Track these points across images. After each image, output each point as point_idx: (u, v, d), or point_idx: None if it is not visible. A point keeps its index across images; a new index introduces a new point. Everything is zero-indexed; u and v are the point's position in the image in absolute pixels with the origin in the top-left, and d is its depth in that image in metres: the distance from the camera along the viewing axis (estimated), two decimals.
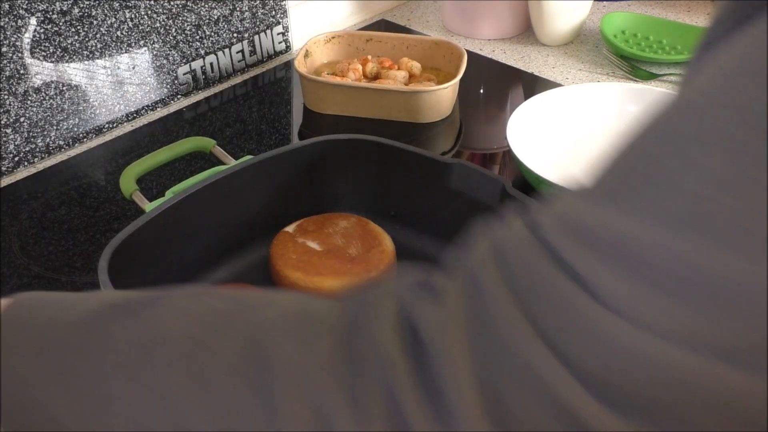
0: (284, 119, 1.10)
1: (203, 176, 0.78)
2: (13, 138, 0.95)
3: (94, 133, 1.02)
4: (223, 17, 1.10)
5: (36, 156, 0.98)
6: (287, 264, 0.76)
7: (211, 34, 1.09)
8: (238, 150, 0.99)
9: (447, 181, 0.78)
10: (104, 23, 0.98)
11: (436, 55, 1.10)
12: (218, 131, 1.04)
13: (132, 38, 1.02)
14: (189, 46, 1.08)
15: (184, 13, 1.05)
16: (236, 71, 1.15)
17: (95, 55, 0.99)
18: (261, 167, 0.80)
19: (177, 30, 1.05)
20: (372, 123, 1.03)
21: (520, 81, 1.15)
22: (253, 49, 1.15)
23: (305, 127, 1.06)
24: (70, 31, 0.96)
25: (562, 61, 1.17)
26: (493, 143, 1.05)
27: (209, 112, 1.08)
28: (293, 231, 0.79)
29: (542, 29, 1.21)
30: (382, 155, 0.83)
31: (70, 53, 0.97)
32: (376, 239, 0.78)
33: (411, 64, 1.08)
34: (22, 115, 0.95)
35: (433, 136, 1.03)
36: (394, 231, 0.80)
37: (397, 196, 0.84)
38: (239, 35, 1.13)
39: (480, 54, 1.20)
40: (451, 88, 1.03)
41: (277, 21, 1.17)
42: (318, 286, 0.75)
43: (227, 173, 0.78)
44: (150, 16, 1.02)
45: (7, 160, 0.95)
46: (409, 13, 1.32)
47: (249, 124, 1.06)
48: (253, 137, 1.04)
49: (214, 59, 1.11)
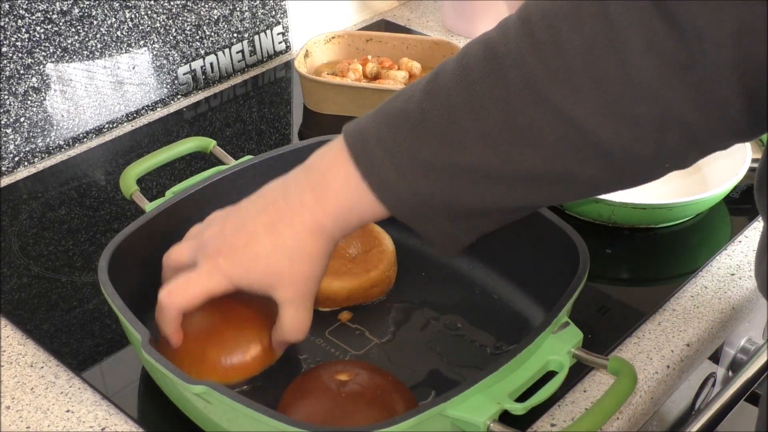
0: (284, 119, 1.10)
1: (203, 176, 0.78)
2: (13, 138, 0.95)
3: (94, 133, 1.02)
4: (223, 17, 1.10)
5: (36, 156, 0.98)
6: None
7: (211, 34, 1.09)
8: (238, 150, 0.99)
9: None
10: (104, 23, 0.98)
11: (436, 55, 1.10)
12: (218, 131, 1.04)
13: (132, 38, 1.02)
14: (189, 46, 1.08)
15: (184, 13, 1.05)
16: (236, 71, 1.15)
17: (95, 55, 0.99)
18: (261, 167, 0.80)
19: (177, 30, 1.05)
20: None
21: None
22: (253, 49, 1.15)
23: (305, 127, 1.06)
24: (70, 31, 0.96)
25: None
26: None
27: (209, 112, 1.08)
28: None
29: None
30: None
31: (70, 53, 0.97)
32: (376, 239, 0.78)
33: (411, 64, 1.08)
34: (22, 115, 0.95)
35: None
36: (394, 231, 0.80)
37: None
38: (239, 35, 1.13)
39: None
40: None
41: (277, 21, 1.17)
42: None
43: (227, 173, 0.78)
44: (150, 16, 1.02)
45: (7, 160, 0.95)
46: (409, 13, 1.32)
47: (249, 124, 1.06)
48: (253, 137, 1.04)
49: (214, 59, 1.11)
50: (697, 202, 0.82)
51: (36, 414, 0.68)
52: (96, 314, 0.77)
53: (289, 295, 0.60)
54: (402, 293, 0.77)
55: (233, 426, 0.59)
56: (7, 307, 0.78)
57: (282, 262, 0.59)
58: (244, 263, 0.59)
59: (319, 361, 0.71)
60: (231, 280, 0.60)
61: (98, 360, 0.73)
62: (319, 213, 0.57)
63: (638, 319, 0.76)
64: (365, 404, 0.62)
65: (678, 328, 0.75)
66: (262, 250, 0.59)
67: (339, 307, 0.76)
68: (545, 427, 0.66)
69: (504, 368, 0.58)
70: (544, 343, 0.62)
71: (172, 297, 0.61)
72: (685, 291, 0.79)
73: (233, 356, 0.65)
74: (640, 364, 0.71)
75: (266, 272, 0.59)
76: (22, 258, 0.83)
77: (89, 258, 0.84)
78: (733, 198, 0.89)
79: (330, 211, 0.57)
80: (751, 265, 0.82)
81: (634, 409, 0.69)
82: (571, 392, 0.69)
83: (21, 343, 0.75)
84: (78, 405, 0.69)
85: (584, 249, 0.68)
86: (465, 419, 0.56)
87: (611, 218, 0.84)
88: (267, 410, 0.56)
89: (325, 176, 0.57)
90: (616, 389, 0.58)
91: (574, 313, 0.65)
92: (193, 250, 0.62)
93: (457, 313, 0.75)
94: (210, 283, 0.60)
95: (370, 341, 0.73)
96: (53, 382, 0.71)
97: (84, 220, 0.89)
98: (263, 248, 0.58)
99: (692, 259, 0.83)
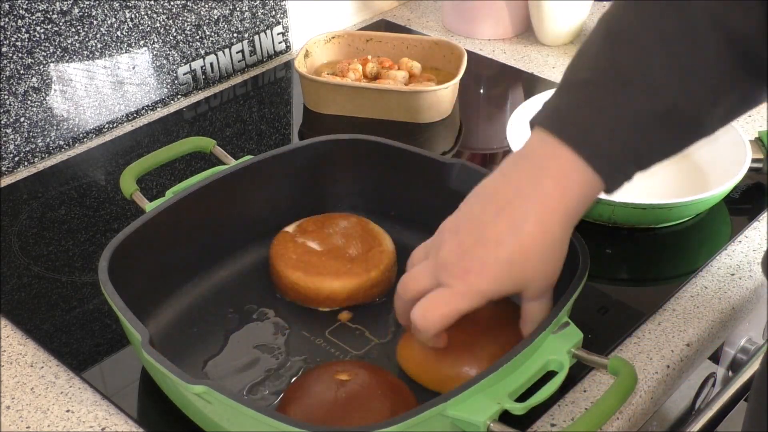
0: (284, 119, 1.10)
1: (203, 176, 0.78)
2: (13, 138, 0.95)
3: (94, 133, 1.02)
4: (223, 17, 1.10)
5: (36, 156, 0.98)
6: (287, 264, 0.76)
7: (211, 34, 1.09)
8: (238, 150, 0.99)
9: (447, 181, 0.78)
10: (104, 23, 0.98)
11: (436, 55, 1.10)
12: (218, 131, 1.04)
13: (132, 38, 1.02)
14: (189, 46, 1.08)
15: (184, 13, 1.05)
16: (236, 71, 1.15)
17: (95, 55, 0.99)
18: (261, 167, 0.80)
19: (177, 30, 1.05)
20: (372, 123, 1.03)
21: (520, 81, 1.15)
22: (253, 49, 1.15)
23: (305, 127, 1.06)
24: (70, 31, 0.96)
25: (562, 61, 1.17)
26: (493, 143, 1.05)
27: (209, 112, 1.08)
28: (293, 231, 0.79)
29: (542, 29, 1.21)
30: (382, 155, 0.83)
31: (70, 53, 0.97)
32: (376, 239, 0.78)
33: (411, 64, 1.08)
34: (22, 115, 0.95)
35: (433, 136, 1.03)
36: (394, 231, 0.80)
37: (397, 196, 0.84)
38: (239, 35, 1.13)
39: (480, 54, 1.20)
40: (451, 88, 1.03)
41: (277, 21, 1.17)
42: (318, 286, 0.75)
43: (227, 173, 0.78)
44: (150, 16, 1.02)
45: (7, 160, 0.95)
46: (409, 13, 1.32)
47: (249, 124, 1.06)
48: (253, 137, 1.04)
49: (214, 59, 1.11)
50: (697, 202, 0.82)
51: (36, 414, 0.68)
52: (96, 314, 0.77)
53: (542, 289, 0.60)
54: None
55: (233, 426, 0.59)
56: (7, 307, 0.78)
57: (533, 262, 0.58)
58: (496, 274, 0.58)
59: (319, 361, 0.71)
60: (485, 296, 0.59)
61: (98, 360, 0.73)
62: (562, 201, 0.57)
63: (638, 319, 0.76)
64: (365, 404, 0.62)
65: (678, 328, 0.75)
66: (512, 256, 0.57)
67: (339, 307, 0.75)
68: (545, 427, 0.66)
69: (504, 368, 0.58)
70: (544, 343, 0.62)
71: (428, 318, 0.60)
72: (685, 291, 0.79)
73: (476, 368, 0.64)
74: (640, 364, 0.71)
75: (519, 276, 0.58)
76: (22, 258, 0.83)
77: (89, 258, 0.84)
78: (733, 198, 0.89)
79: (571, 197, 0.57)
80: (751, 265, 0.82)
81: (634, 409, 0.69)
82: (571, 392, 0.69)
83: (21, 343, 0.75)
84: (78, 405, 0.69)
85: (584, 249, 0.68)
86: (465, 419, 0.56)
87: (611, 218, 0.84)
88: (267, 410, 0.56)
89: (552, 163, 0.57)
90: (616, 389, 0.58)
91: (574, 313, 0.65)
92: (432, 271, 0.60)
93: None
94: (465, 303, 0.59)
95: (370, 341, 0.73)
96: (53, 382, 0.71)
97: (84, 220, 0.89)
98: (513, 254, 0.57)
99: (692, 259, 0.83)
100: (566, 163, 0.56)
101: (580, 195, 0.57)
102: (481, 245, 0.58)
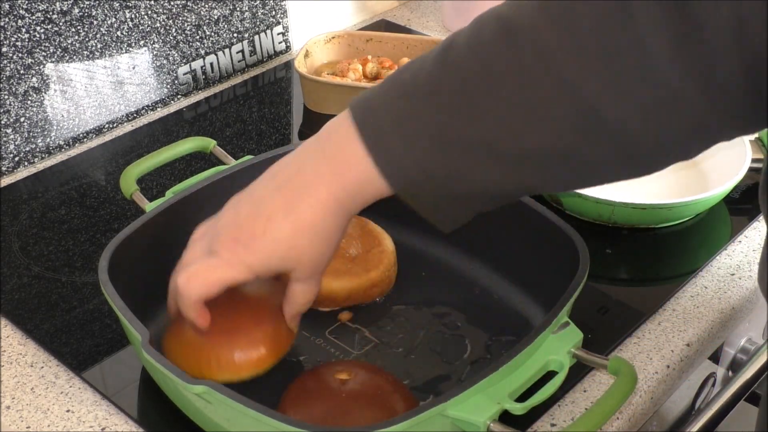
0: (284, 119, 1.10)
1: (203, 176, 0.78)
2: (13, 138, 0.95)
3: (94, 133, 1.02)
4: (223, 17, 1.10)
5: (36, 156, 0.98)
6: None
7: (211, 34, 1.09)
8: (238, 150, 0.99)
9: None
10: (104, 23, 0.98)
11: None
12: (218, 131, 1.04)
13: (132, 38, 1.02)
14: (189, 46, 1.08)
15: (184, 13, 1.05)
16: (236, 71, 1.15)
17: (95, 55, 0.99)
18: (261, 167, 0.79)
19: (177, 30, 1.05)
20: None
21: None
22: (253, 49, 1.15)
23: (305, 127, 1.06)
24: (70, 31, 0.96)
25: None
26: None
27: (209, 112, 1.08)
28: None
29: None
30: None
31: (70, 53, 0.97)
32: (376, 239, 0.78)
33: None
34: (22, 115, 0.95)
35: None
36: (394, 231, 0.80)
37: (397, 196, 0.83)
38: (239, 35, 1.13)
39: None
40: None
41: (277, 21, 1.17)
42: None
43: (227, 173, 0.78)
44: (150, 16, 1.02)
45: (7, 160, 0.95)
46: (409, 13, 1.32)
47: (249, 124, 1.06)
48: (253, 137, 1.04)
49: (214, 59, 1.11)
50: (697, 202, 0.82)
51: (36, 414, 0.68)
52: (96, 314, 0.77)
53: (307, 273, 0.60)
54: (402, 293, 0.77)
55: (233, 426, 0.59)
56: (7, 307, 0.78)
57: (302, 243, 0.58)
58: (265, 250, 0.58)
59: (319, 361, 0.71)
60: (252, 269, 0.59)
61: (98, 360, 0.73)
62: (337, 188, 0.56)
63: (638, 319, 0.76)
64: (365, 404, 0.62)
65: (678, 328, 0.75)
66: (281, 234, 0.58)
67: (339, 307, 0.75)
68: (545, 427, 0.66)
69: (504, 368, 0.58)
70: (544, 343, 0.62)
71: (191, 284, 0.60)
72: (685, 291, 0.79)
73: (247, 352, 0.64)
74: (640, 364, 0.71)
75: (287, 255, 0.58)
76: (22, 258, 0.83)
77: (89, 258, 0.84)
78: (733, 198, 0.89)
79: (345, 186, 0.56)
80: (751, 265, 0.82)
81: (634, 409, 0.69)
82: (571, 392, 0.69)
83: (21, 343, 0.75)
84: (78, 405, 0.69)
85: (584, 249, 0.68)
86: (465, 419, 0.56)
87: (611, 218, 0.84)
88: (267, 410, 0.56)
89: (340, 148, 0.56)
90: (616, 389, 0.58)
91: (574, 313, 0.65)
92: (208, 242, 0.61)
93: (457, 313, 0.75)
94: (230, 273, 0.59)
95: (370, 341, 0.73)
96: (53, 382, 0.71)
97: (84, 220, 0.89)
98: (283, 232, 0.57)
99: (692, 259, 0.83)
100: (353, 154, 0.55)
101: (358, 188, 0.56)
102: (253, 218, 0.58)
